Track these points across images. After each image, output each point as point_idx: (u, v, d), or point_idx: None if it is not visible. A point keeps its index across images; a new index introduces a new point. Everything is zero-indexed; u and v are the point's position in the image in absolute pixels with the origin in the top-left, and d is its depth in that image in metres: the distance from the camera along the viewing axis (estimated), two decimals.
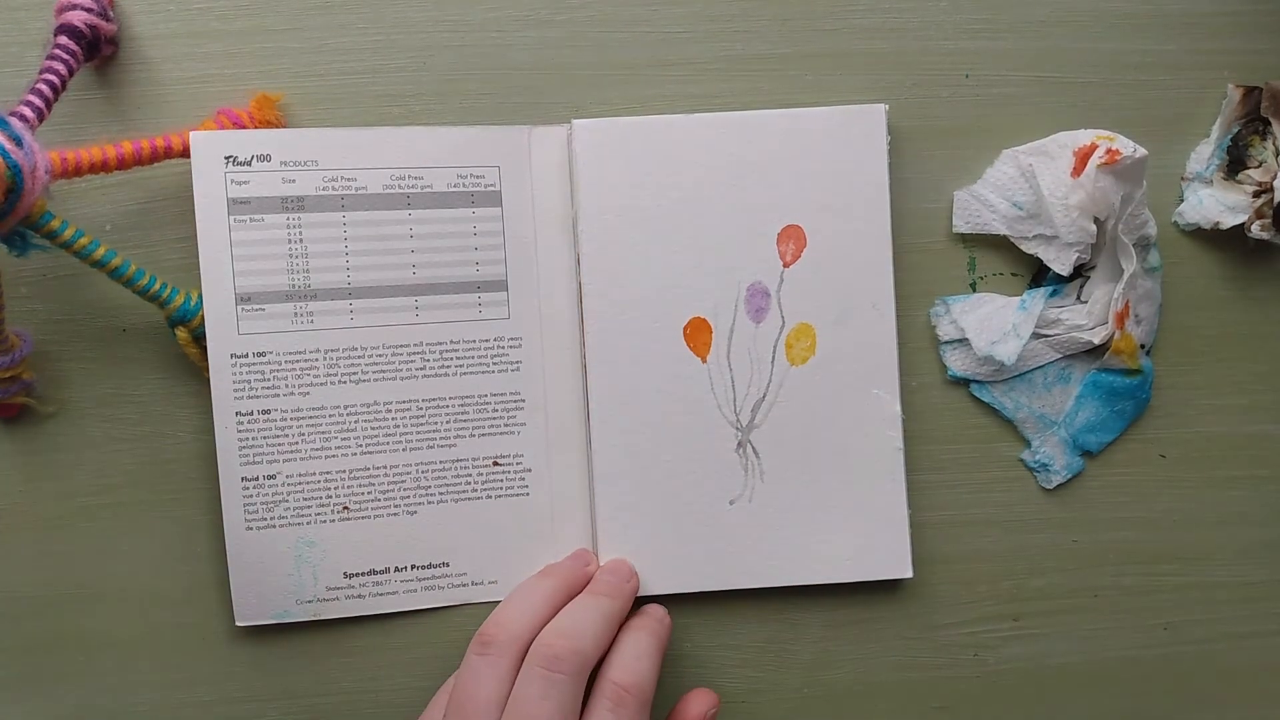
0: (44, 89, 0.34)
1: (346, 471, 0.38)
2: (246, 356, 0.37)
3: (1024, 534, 0.41)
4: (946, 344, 0.40)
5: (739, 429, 0.39)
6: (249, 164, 0.37)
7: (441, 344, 0.38)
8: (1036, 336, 0.40)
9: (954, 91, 0.40)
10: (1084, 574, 0.41)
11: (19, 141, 0.31)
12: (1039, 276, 0.40)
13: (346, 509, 0.38)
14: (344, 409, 0.38)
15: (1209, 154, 0.40)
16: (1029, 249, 0.40)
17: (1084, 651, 0.41)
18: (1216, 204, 0.40)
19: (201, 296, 0.37)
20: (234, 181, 0.37)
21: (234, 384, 0.37)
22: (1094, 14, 0.40)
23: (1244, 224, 0.39)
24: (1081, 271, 0.40)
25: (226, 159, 0.37)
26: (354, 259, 0.38)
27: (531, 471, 0.39)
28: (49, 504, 0.39)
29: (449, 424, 0.39)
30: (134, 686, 0.39)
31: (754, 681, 0.41)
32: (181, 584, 0.39)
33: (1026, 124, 0.40)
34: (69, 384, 0.38)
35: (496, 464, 0.39)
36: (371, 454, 0.38)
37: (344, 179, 0.37)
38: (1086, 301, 0.40)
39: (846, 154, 0.39)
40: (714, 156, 0.38)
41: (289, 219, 0.37)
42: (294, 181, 0.37)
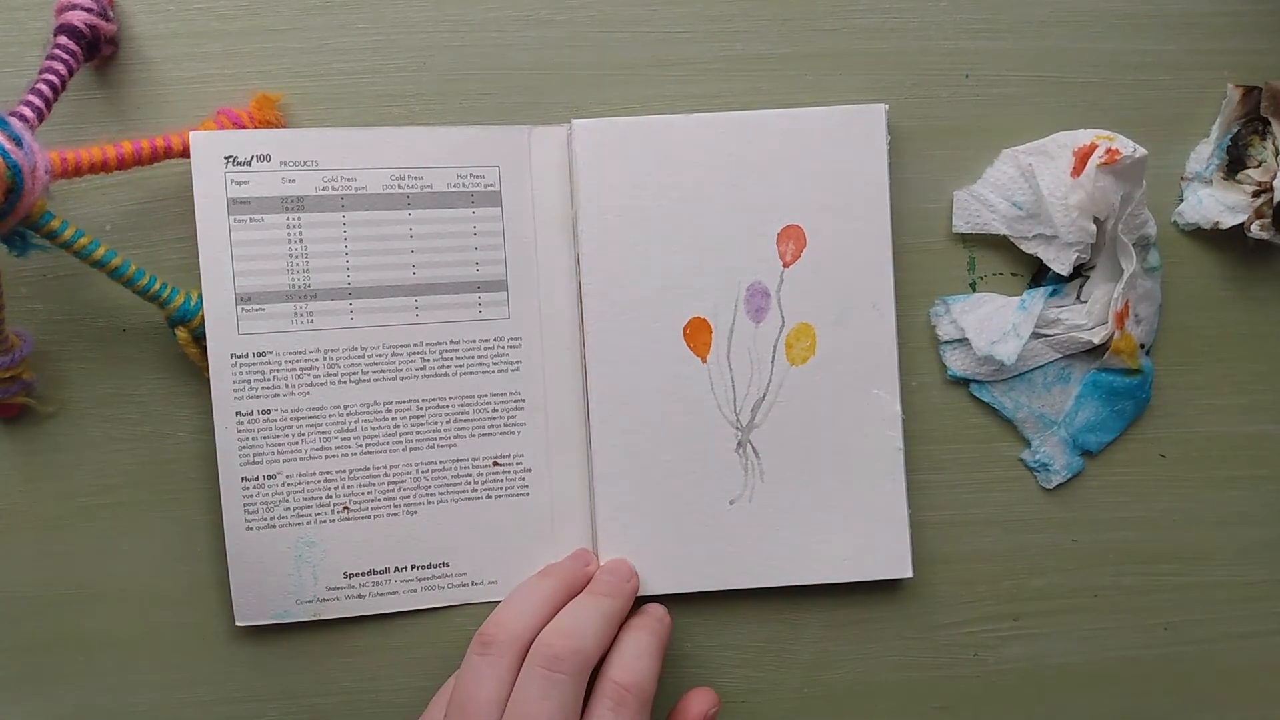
0: (44, 89, 0.34)
1: (346, 471, 0.38)
2: (246, 356, 0.37)
3: (1024, 534, 0.41)
4: (946, 344, 0.40)
5: (739, 429, 0.39)
6: (249, 164, 0.37)
7: (441, 344, 0.38)
8: (1036, 336, 0.40)
9: (954, 91, 0.40)
10: (1084, 574, 0.41)
11: (19, 141, 0.31)
12: (1039, 276, 0.40)
13: (346, 509, 0.38)
14: (344, 409, 0.38)
15: (1209, 154, 0.40)
16: (1029, 249, 0.40)
17: (1084, 651, 0.41)
18: (1216, 204, 0.40)
19: (201, 296, 0.37)
20: (234, 181, 0.37)
21: (234, 384, 0.37)
22: (1094, 14, 0.40)
23: (1244, 224, 0.39)
24: (1081, 271, 0.40)
25: (226, 159, 0.37)
26: (354, 259, 0.38)
27: (531, 471, 0.39)
28: (49, 504, 0.39)
29: (449, 424, 0.39)
30: (134, 686, 0.39)
31: (754, 681, 0.41)
32: (181, 584, 0.39)
33: (1026, 124, 0.40)
34: (69, 384, 0.38)
35: (496, 464, 0.39)
36: (371, 454, 0.38)
37: (344, 179, 0.37)
38: (1086, 301, 0.40)
39: (846, 154, 0.39)
40: (714, 156, 0.38)
41: (289, 219, 0.37)
42: (294, 181, 0.37)
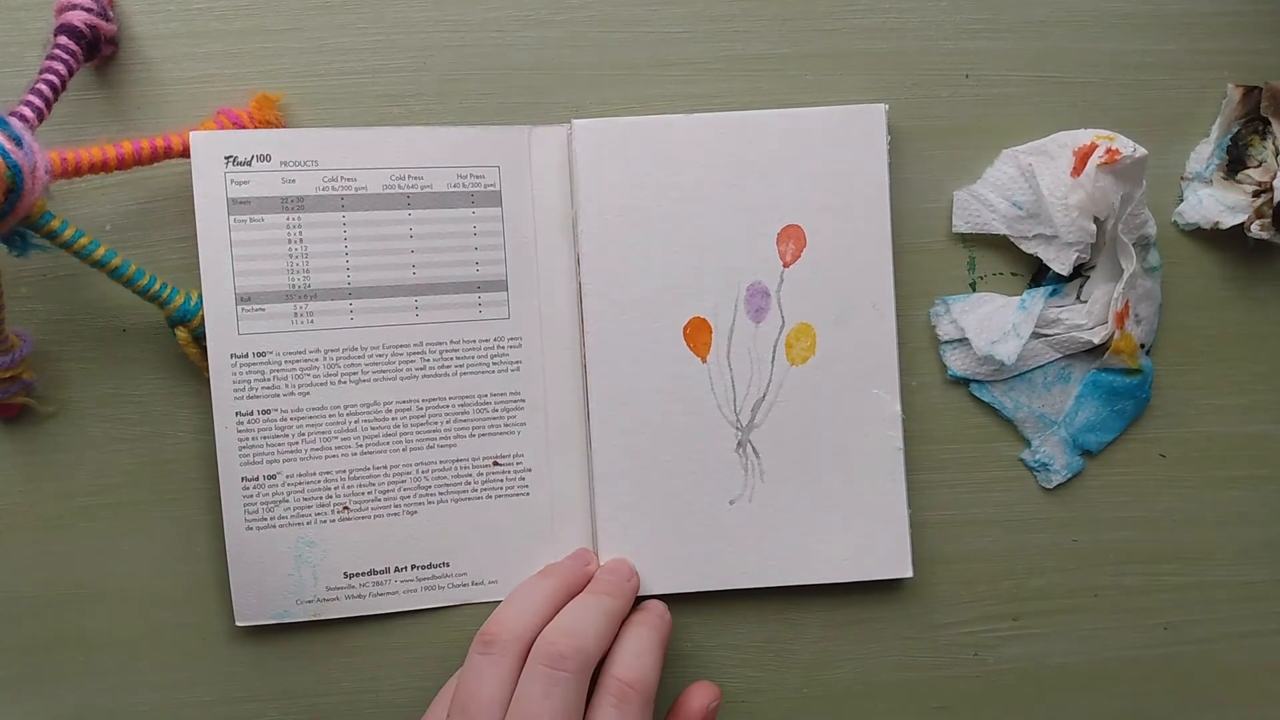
0: (44, 89, 0.34)
1: (346, 471, 0.38)
2: (246, 356, 0.37)
3: (1024, 534, 0.41)
4: (946, 344, 0.40)
5: (739, 429, 0.39)
6: (249, 164, 0.37)
7: (441, 344, 0.38)
8: (1036, 336, 0.40)
9: (954, 91, 0.40)
10: (1084, 574, 0.41)
11: (19, 141, 0.31)
12: (1039, 276, 0.40)
13: (346, 509, 0.38)
14: (344, 409, 0.38)
15: (1209, 154, 0.40)
16: (1029, 249, 0.40)
17: (1084, 651, 0.41)
18: (1216, 204, 0.40)
19: (201, 296, 0.37)
20: (234, 181, 0.37)
21: (234, 384, 0.37)
22: (1094, 14, 0.40)
23: (1244, 224, 0.39)
24: (1081, 271, 0.40)
25: (226, 159, 0.37)
26: (354, 259, 0.38)
27: (531, 471, 0.39)
28: (49, 504, 0.39)
29: (449, 424, 0.39)
30: (134, 686, 0.39)
31: (754, 681, 0.41)
32: (181, 584, 0.39)
33: (1026, 124, 0.40)
34: (69, 384, 0.38)
35: (496, 464, 0.39)
36: (371, 454, 0.38)
37: (344, 179, 0.37)
38: (1086, 301, 0.40)
39: (846, 154, 0.39)
40: (714, 156, 0.38)
41: (289, 219, 0.37)
42: (294, 181, 0.37)
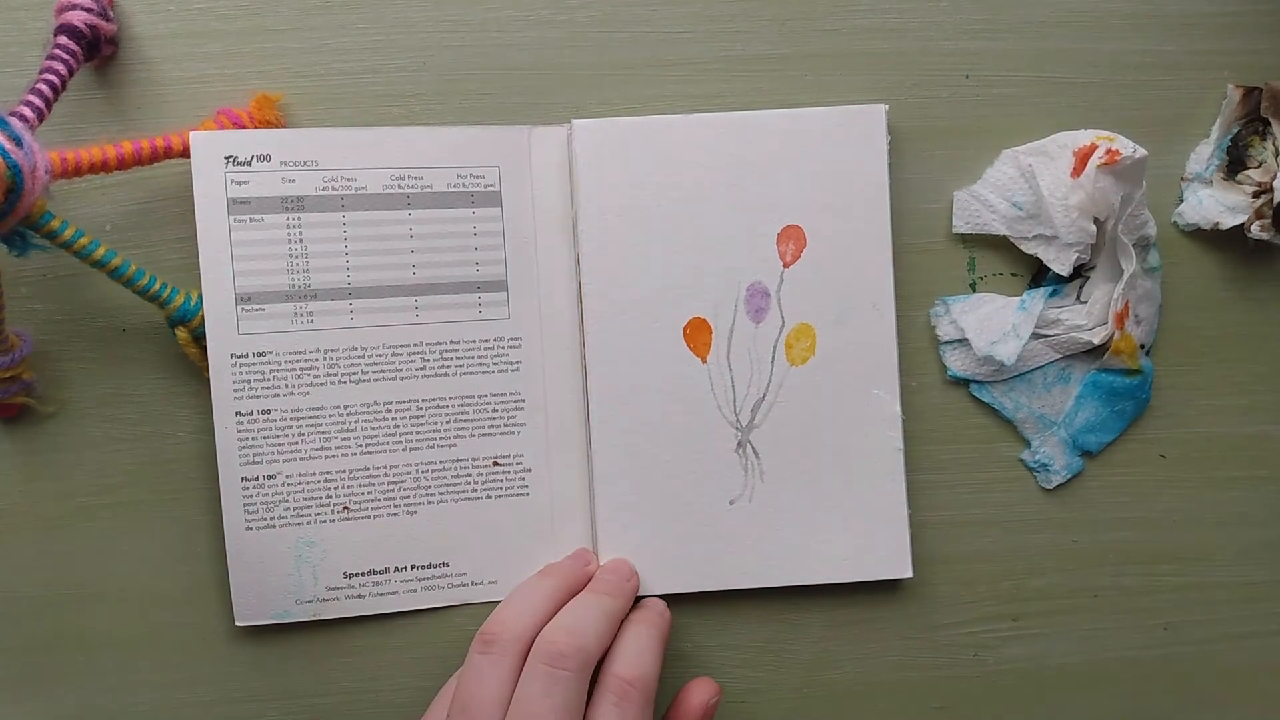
0: (44, 89, 0.34)
1: (346, 471, 0.38)
2: (246, 356, 0.37)
3: (1024, 534, 0.41)
4: (946, 344, 0.40)
5: (739, 429, 0.39)
6: (249, 164, 0.37)
7: (441, 344, 0.38)
8: (1036, 336, 0.40)
9: (954, 91, 0.40)
10: (1084, 574, 0.41)
11: (19, 141, 0.31)
12: (1039, 276, 0.40)
13: (346, 509, 0.38)
14: (344, 409, 0.38)
15: (1209, 154, 0.40)
16: (1029, 249, 0.40)
17: (1084, 651, 0.41)
18: (1216, 204, 0.40)
19: (201, 296, 0.37)
20: (234, 181, 0.37)
21: (234, 384, 0.37)
22: (1094, 14, 0.40)
23: (1244, 224, 0.39)
24: (1081, 271, 0.40)
25: (226, 159, 0.37)
26: (354, 259, 0.38)
27: (531, 471, 0.39)
28: (49, 504, 0.39)
29: (449, 424, 0.39)
30: (134, 686, 0.39)
31: (754, 681, 0.41)
32: (181, 584, 0.39)
33: (1026, 124, 0.40)
34: (69, 384, 0.38)
35: (496, 464, 0.39)
36: (371, 454, 0.38)
37: (344, 179, 0.37)
38: (1086, 301, 0.40)
39: (846, 154, 0.39)
40: (714, 156, 0.38)
41: (289, 219, 0.37)
42: (294, 181, 0.37)
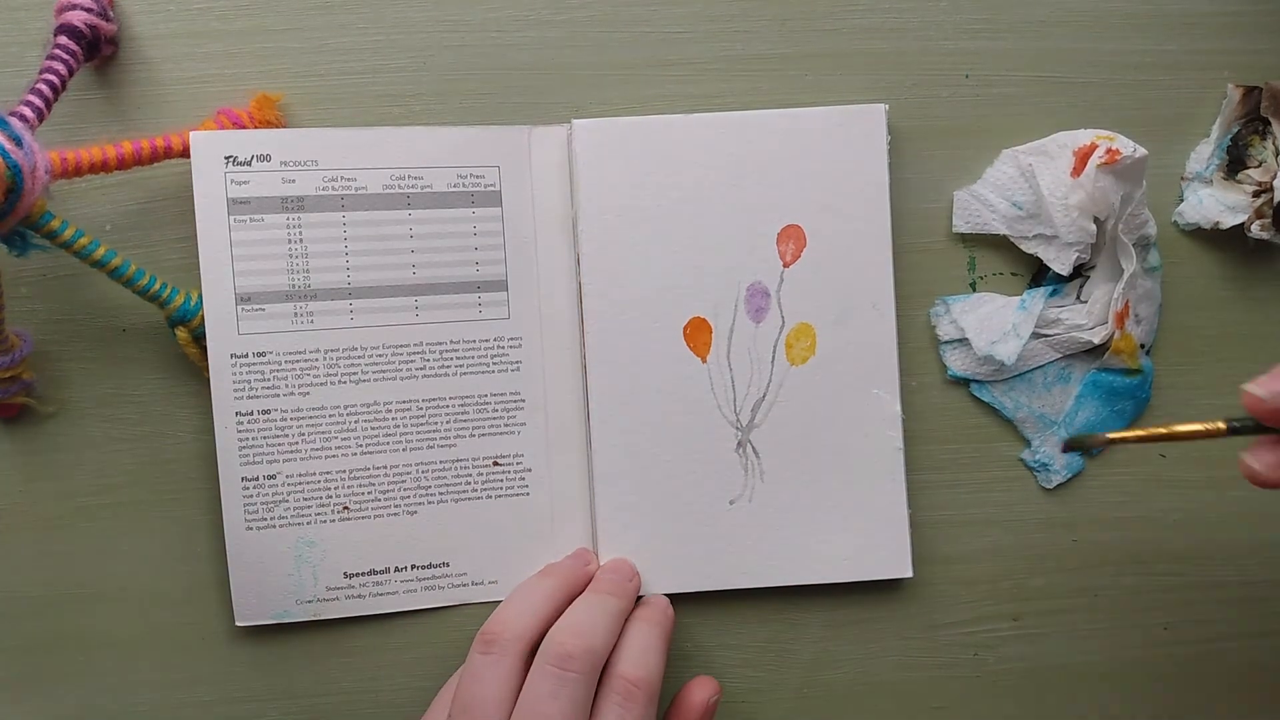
0: (44, 89, 0.34)
1: (346, 471, 0.38)
2: (246, 356, 0.37)
3: (1024, 534, 0.41)
4: (946, 344, 0.40)
5: (739, 429, 0.39)
6: (249, 164, 0.37)
7: (441, 344, 0.38)
8: (1036, 336, 0.40)
9: (954, 91, 0.40)
10: (1084, 574, 0.41)
11: (19, 141, 0.31)
12: (1039, 276, 0.40)
13: (346, 509, 0.38)
14: (344, 409, 0.38)
15: (1209, 154, 0.40)
16: (1029, 249, 0.40)
17: (1084, 651, 0.41)
18: (1216, 204, 0.40)
19: (201, 296, 0.37)
20: (234, 181, 0.37)
21: (234, 384, 0.37)
22: (1094, 14, 0.40)
23: (1244, 224, 0.39)
24: (1081, 271, 0.40)
25: (226, 159, 0.37)
26: (354, 259, 0.38)
27: (531, 471, 0.39)
28: (49, 504, 0.39)
29: (449, 424, 0.39)
30: (134, 686, 0.39)
31: (754, 681, 0.41)
32: (181, 584, 0.39)
33: (1026, 124, 0.40)
34: (69, 384, 0.38)
35: (496, 464, 0.39)
36: (371, 454, 0.38)
37: (344, 179, 0.37)
38: (1086, 301, 0.40)
39: (846, 154, 0.39)
40: (714, 156, 0.38)
41: (289, 219, 0.37)
42: (294, 181, 0.37)
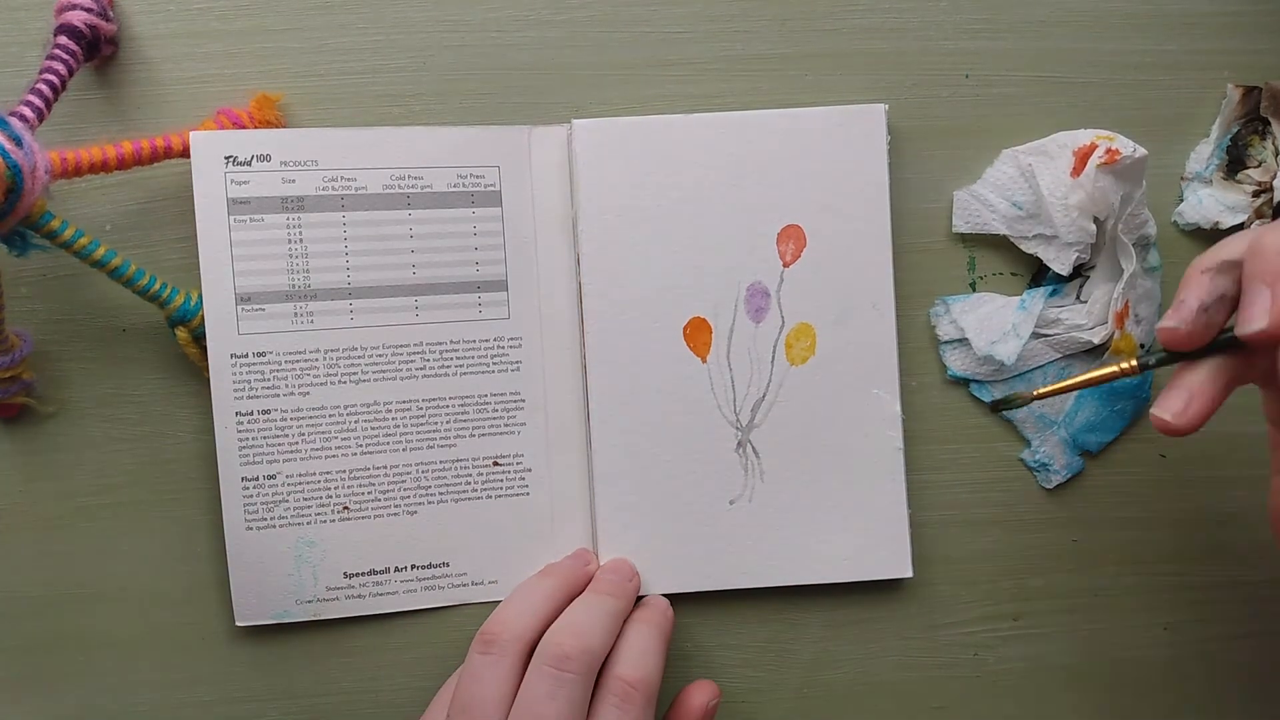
0: (44, 89, 0.34)
1: (346, 471, 0.38)
2: (246, 356, 0.37)
3: (1024, 534, 0.41)
4: (946, 344, 0.40)
5: (739, 429, 0.39)
6: (249, 164, 0.37)
7: (441, 344, 0.38)
8: (1036, 336, 0.40)
9: (954, 91, 0.40)
10: (1084, 574, 0.41)
11: (19, 141, 0.31)
12: (1039, 276, 0.40)
13: (346, 509, 0.38)
14: (344, 409, 0.38)
15: (1209, 154, 0.40)
16: (1029, 249, 0.40)
17: (1084, 651, 0.41)
18: (1216, 204, 0.40)
19: (201, 296, 0.37)
20: (234, 181, 0.37)
21: (234, 384, 0.37)
22: (1094, 14, 0.40)
23: (1244, 223, 0.39)
24: (1081, 271, 0.40)
25: (226, 159, 0.37)
26: (354, 259, 0.38)
27: (531, 471, 0.39)
28: (49, 504, 0.39)
29: (449, 424, 0.39)
30: (134, 686, 0.39)
31: (754, 681, 0.41)
32: (181, 584, 0.39)
33: (1026, 124, 0.40)
34: (69, 384, 0.38)
35: (496, 464, 0.39)
36: (371, 454, 0.38)
37: (344, 179, 0.37)
38: (1086, 301, 0.40)
39: (846, 154, 0.39)
40: (714, 156, 0.38)
41: (289, 219, 0.37)
42: (294, 181, 0.37)
